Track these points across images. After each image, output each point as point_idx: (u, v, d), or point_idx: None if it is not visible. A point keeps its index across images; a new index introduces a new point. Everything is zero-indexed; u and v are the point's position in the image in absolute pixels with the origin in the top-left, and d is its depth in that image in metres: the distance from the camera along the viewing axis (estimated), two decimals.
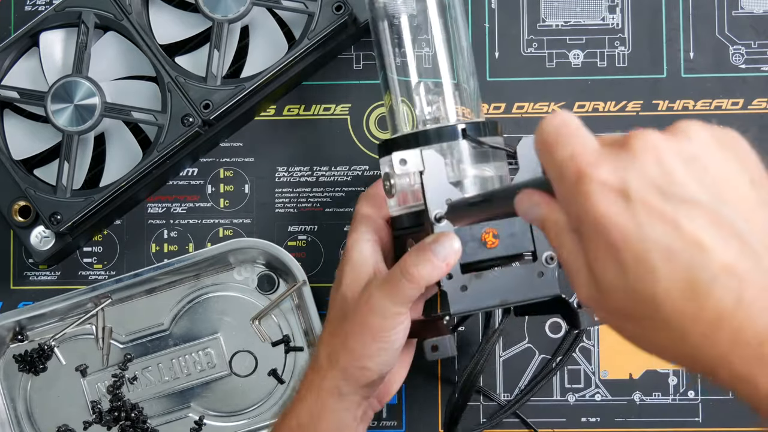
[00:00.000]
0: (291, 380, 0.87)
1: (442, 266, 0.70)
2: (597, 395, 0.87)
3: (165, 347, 0.88)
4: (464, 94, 0.79)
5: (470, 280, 0.72)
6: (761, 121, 0.88)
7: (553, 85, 0.89)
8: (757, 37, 0.88)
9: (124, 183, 0.83)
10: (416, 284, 0.70)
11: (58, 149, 0.83)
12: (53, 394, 0.87)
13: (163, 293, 0.88)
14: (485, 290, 0.73)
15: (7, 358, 0.87)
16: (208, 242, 0.89)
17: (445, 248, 0.70)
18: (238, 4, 0.82)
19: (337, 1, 0.83)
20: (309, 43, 0.83)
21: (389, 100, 0.80)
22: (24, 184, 0.83)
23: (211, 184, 0.89)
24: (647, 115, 0.88)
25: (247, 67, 0.85)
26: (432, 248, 0.70)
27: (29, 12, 0.90)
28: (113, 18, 0.83)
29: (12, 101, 0.84)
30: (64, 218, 0.82)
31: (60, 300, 0.86)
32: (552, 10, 0.89)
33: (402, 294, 0.71)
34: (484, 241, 0.73)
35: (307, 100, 0.89)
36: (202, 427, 0.87)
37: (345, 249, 0.77)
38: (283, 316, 0.87)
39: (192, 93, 0.83)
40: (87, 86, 0.82)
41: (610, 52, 0.89)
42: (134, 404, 0.87)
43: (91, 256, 0.89)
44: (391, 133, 0.80)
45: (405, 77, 0.79)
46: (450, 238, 0.71)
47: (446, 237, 0.71)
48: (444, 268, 0.70)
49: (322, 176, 0.89)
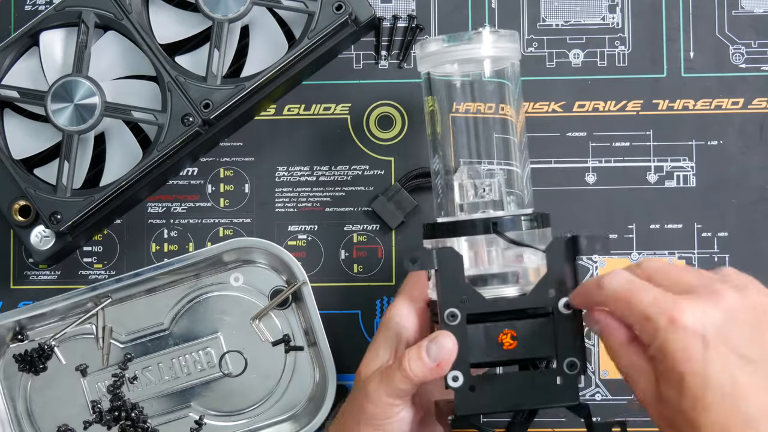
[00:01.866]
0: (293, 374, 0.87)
1: (432, 366, 0.69)
2: (597, 395, 0.87)
3: (165, 347, 0.88)
4: (514, 176, 0.78)
5: (480, 380, 0.71)
6: (761, 121, 0.88)
7: (553, 84, 0.89)
8: (757, 36, 0.88)
9: (124, 182, 0.83)
10: (408, 380, 0.70)
11: (58, 149, 0.83)
12: (53, 394, 0.87)
13: (163, 293, 0.88)
14: (497, 392, 0.71)
15: (7, 357, 0.87)
16: (208, 242, 0.89)
17: (437, 347, 0.69)
18: (238, 4, 0.82)
19: (337, 1, 0.83)
20: (309, 42, 0.83)
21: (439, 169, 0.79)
22: (24, 184, 0.83)
23: (211, 183, 0.89)
24: (647, 114, 0.88)
25: (247, 66, 0.85)
26: (425, 346, 0.70)
27: (29, 11, 0.90)
28: (113, 17, 0.83)
29: (12, 101, 0.84)
30: (64, 218, 0.82)
31: (60, 300, 0.86)
32: (552, 10, 0.89)
33: (394, 387, 0.70)
34: (501, 341, 0.70)
35: (307, 100, 0.89)
36: (202, 426, 0.87)
37: (381, 322, 0.77)
38: (284, 315, 0.87)
39: (192, 92, 0.83)
40: (87, 86, 0.82)
41: (610, 52, 0.89)
42: (134, 404, 0.87)
43: (91, 256, 0.89)
44: (436, 204, 0.79)
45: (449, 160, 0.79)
46: (445, 338, 0.70)
47: (442, 336, 0.70)
48: (436, 369, 0.69)
49: (322, 176, 0.89)
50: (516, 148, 0.78)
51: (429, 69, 0.79)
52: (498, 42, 0.77)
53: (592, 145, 0.88)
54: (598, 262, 0.88)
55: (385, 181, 0.88)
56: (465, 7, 0.89)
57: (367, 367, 0.74)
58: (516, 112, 0.79)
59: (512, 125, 0.79)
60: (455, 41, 0.77)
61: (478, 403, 0.70)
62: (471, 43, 0.76)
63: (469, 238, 0.73)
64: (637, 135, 0.88)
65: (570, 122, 0.88)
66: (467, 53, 0.76)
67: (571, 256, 0.72)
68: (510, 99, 0.79)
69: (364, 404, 0.72)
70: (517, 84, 0.79)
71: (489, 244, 0.74)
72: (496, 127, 0.78)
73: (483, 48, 0.77)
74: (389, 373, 0.71)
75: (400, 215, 0.87)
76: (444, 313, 0.70)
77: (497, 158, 0.78)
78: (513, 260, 0.74)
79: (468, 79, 0.79)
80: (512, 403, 0.71)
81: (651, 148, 0.88)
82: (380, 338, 0.75)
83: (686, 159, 0.88)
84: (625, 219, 0.88)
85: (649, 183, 0.88)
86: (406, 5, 0.89)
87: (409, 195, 0.87)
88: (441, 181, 0.79)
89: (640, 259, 0.88)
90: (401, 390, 0.71)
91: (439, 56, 0.77)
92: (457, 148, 0.78)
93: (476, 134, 0.78)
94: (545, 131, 0.88)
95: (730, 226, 0.87)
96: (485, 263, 0.74)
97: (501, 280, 0.73)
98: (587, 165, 0.88)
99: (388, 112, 0.89)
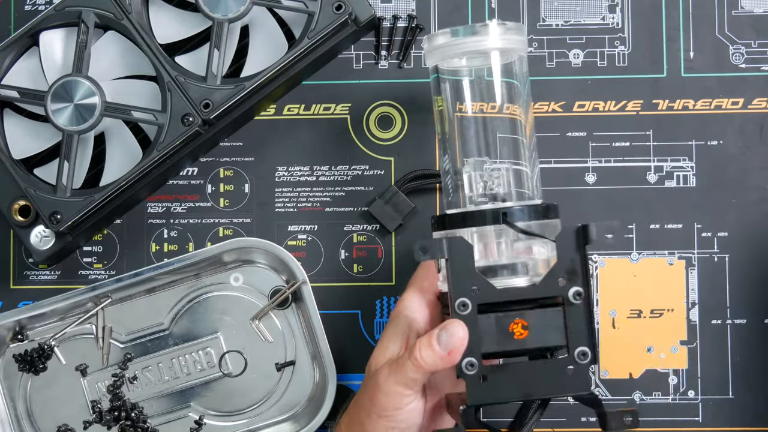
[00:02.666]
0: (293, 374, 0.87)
1: (443, 354, 0.69)
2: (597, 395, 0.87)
3: (165, 347, 0.88)
4: (522, 175, 0.78)
5: (492, 370, 0.71)
6: (761, 121, 0.88)
7: (553, 84, 0.89)
8: (757, 36, 0.88)
9: (124, 182, 0.83)
10: (420, 369, 0.70)
11: (58, 149, 0.83)
12: (53, 394, 0.87)
13: (163, 293, 0.88)
14: (508, 382, 0.71)
15: (7, 357, 0.87)
16: (208, 242, 0.89)
17: (448, 336, 0.70)
18: (238, 4, 0.82)
19: (337, 1, 0.83)
20: (309, 42, 0.83)
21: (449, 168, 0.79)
22: (24, 184, 0.83)
23: (211, 183, 0.89)
24: (647, 114, 0.88)
25: (247, 66, 0.85)
26: (436, 334, 0.70)
27: (29, 11, 0.90)
28: (113, 17, 0.83)
29: (12, 101, 0.84)
30: (64, 218, 0.82)
31: (60, 300, 0.86)
32: (552, 10, 0.89)
33: (405, 376, 0.71)
34: (512, 331, 0.70)
35: (307, 100, 0.89)
36: (201, 426, 0.87)
37: (391, 314, 0.77)
38: (283, 315, 0.87)
39: (192, 92, 0.83)
40: (87, 86, 0.82)
41: (610, 52, 0.89)
42: (134, 404, 0.87)
43: (91, 256, 0.89)
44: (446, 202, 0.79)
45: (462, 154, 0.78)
46: (455, 326, 0.70)
47: (452, 325, 0.70)
48: (447, 357, 0.70)
49: (322, 176, 0.89)
50: (525, 148, 0.78)
51: (437, 62, 0.79)
52: (505, 34, 0.76)
53: (592, 145, 0.88)
54: (599, 263, 0.88)
55: (384, 181, 0.88)
56: (465, 7, 0.89)
57: (376, 360, 0.75)
58: (524, 111, 0.79)
59: (520, 125, 0.78)
60: (463, 34, 0.76)
61: (489, 393, 0.70)
62: (478, 35, 0.76)
63: (479, 229, 0.73)
64: (637, 135, 0.88)
65: (570, 122, 0.88)
66: (475, 45, 0.76)
67: (581, 245, 0.72)
68: (517, 97, 0.79)
69: (375, 395, 0.72)
70: (525, 80, 0.79)
71: (498, 236, 0.74)
72: (503, 127, 0.78)
73: (490, 40, 0.76)
74: (400, 363, 0.71)
75: (397, 218, 0.87)
76: (455, 302, 0.70)
77: (504, 157, 0.78)
78: (522, 252, 0.74)
79: (474, 76, 0.79)
80: (524, 393, 0.71)
81: (651, 148, 0.88)
82: (390, 331, 0.75)
83: (686, 159, 0.88)
84: (625, 219, 0.88)
85: (649, 183, 0.88)
86: (406, 5, 0.89)
87: (407, 197, 0.87)
88: (450, 181, 0.79)
89: (640, 259, 0.88)
90: (412, 379, 0.71)
91: (447, 49, 0.77)
92: (464, 148, 0.78)
93: (484, 134, 0.78)
94: (545, 131, 0.88)
95: (730, 226, 0.87)
96: (494, 255, 0.74)
97: (511, 271, 0.73)
98: (587, 165, 0.88)
99: (388, 112, 0.89)
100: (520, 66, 0.79)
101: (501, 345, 0.71)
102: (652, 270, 0.87)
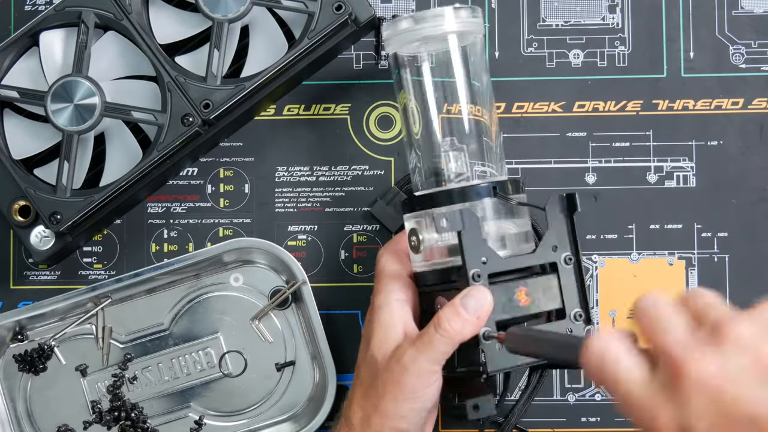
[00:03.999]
0: (293, 374, 0.87)
1: (473, 320, 0.71)
2: (597, 395, 0.87)
3: (165, 347, 0.88)
4: (490, 151, 0.80)
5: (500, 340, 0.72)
6: (761, 121, 0.88)
7: (553, 84, 0.89)
8: (757, 36, 0.88)
9: (124, 183, 0.83)
10: (450, 340, 0.71)
11: (58, 149, 0.83)
12: (53, 394, 0.87)
13: (163, 293, 0.88)
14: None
15: (7, 358, 0.87)
16: (208, 242, 0.89)
17: (476, 301, 0.71)
18: (238, 4, 0.82)
19: (337, 1, 0.83)
20: (309, 42, 0.83)
21: (413, 154, 0.80)
22: (24, 184, 0.83)
23: (211, 183, 0.89)
24: (647, 114, 0.88)
25: (247, 66, 0.85)
26: (463, 302, 0.71)
27: (29, 12, 0.90)
28: (113, 17, 0.83)
29: (12, 101, 0.84)
30: (64, 218, 0.82)
31: (60, 300, 0.86)
32: (552, 10, 0.89)
33: (436, 351, 0.71)
34: (518, 298, 0.73)
35: (307, 100, 0.89)
36: (202, 426, 0.87)
37: (372, 308, 0.77)
38: (283, 315, 0.87)
39: (192, 93, 0.83)
40: (87, 86, 0.82)
41: (610, 52, 0.89)
42: (134, 404, 0.87)
43: (91, 256, 0.89)
44: (414, 189, 0.80)
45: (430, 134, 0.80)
46: (481, 291, 0.71)
47: (477, 290, 0.71)
48: (476, 322, 0.71)
49: (322, 176, 0.89)
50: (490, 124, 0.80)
51: (396, 50, 0.80)
52: (461, 17, 0.78)
53: (592, 145, 0.88)
54: (599, 263, 0.88)
55: (384, 182, 0.88)
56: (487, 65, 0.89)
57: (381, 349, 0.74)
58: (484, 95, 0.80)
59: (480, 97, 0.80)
60: (419, 20, 0.78)
61: (505, 360, 0.72)
62: (435, 19, 0.78)
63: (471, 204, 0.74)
64: (637, 135, 0.88)
65: (570, 122, 0.88)
66: (432, 30, 0.78)
67: (568, 213, 0.76)
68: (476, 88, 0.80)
69: (402, 378, 0.72)
70: (482, 60, 0.81)
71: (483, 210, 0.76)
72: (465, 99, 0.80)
73: (446, 23, 0.78)
74: (426, 341, 0.71)
75: (399, 218, 0.87)
76: (470, 273, 0.72)
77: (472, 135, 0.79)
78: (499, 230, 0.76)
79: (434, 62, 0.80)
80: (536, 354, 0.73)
81: (651, 148, 0.88)
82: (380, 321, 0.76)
83: (686, 159, 0.88)
84: (625, 219, 0.88)
85: (649, 183, 0.88)
86: (406, 5, 0.89)
87: None
88: (419, 175, 0.80)
89: (640, 260, 0.88)
90: (443, 353, 0.71)
91: (405, 35, 0.78)
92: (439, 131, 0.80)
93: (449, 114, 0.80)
94: (545, 131, 0.88)
95: (730, 226, 0.87)
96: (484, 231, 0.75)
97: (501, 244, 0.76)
98: (587, 165, 0.88)
99: (388, 112, 0.89)
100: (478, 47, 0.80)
101: (510, 312, 0.73)
102: (652, 270, 0.87)
